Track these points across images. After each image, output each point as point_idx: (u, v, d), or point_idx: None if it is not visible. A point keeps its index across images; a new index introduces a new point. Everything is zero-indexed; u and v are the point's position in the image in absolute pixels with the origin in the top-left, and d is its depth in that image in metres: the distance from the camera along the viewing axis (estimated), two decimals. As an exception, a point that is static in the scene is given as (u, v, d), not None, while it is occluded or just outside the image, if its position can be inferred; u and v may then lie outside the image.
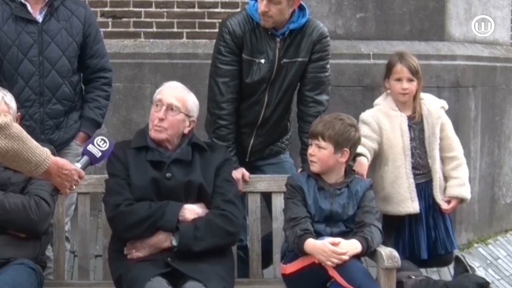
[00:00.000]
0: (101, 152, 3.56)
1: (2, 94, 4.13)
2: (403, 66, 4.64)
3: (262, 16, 4.52)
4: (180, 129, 4.20)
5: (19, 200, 3.93)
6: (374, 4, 6.23)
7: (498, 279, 6.32)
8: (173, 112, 4.17)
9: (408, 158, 4.64)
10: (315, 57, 4.69)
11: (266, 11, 4.49)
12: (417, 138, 4.69)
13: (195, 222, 4.04)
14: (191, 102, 4.25)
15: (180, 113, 4.19)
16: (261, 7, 4.48)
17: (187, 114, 4.21)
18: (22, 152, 3.18)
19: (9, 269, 3.83)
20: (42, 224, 4.00)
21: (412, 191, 4.63)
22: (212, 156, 4.24)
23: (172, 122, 4.17)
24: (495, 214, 6.82)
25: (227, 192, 4.17)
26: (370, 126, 4.68)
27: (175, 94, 4.22)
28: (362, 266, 4.08)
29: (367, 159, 4.54)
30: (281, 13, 4.53)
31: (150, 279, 3.81)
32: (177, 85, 4.36)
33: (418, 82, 4.69)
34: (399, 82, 4.65)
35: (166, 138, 4.18)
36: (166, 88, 4.29)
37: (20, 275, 3.80)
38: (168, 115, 4.16)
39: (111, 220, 4.12)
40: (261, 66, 4.63)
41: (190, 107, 4.23)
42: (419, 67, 4.71)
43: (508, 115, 6.88)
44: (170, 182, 4.10)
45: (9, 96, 4.17)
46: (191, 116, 4.23)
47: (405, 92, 4.64)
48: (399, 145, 4.64)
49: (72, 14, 4.58)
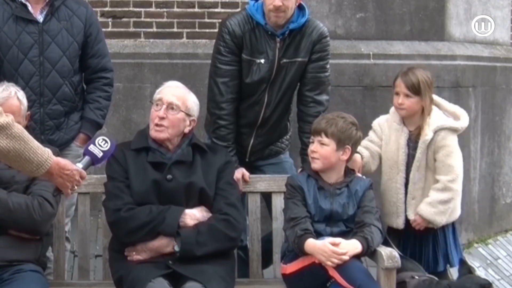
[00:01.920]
0: (103, 152, 3.55)
1: (16, 89, 4.15)
2: (401, 80, 4.56)
3: (275, 12, 4.50)
4: (181, 128, 4.20)
5: (22, 200, 3.92)
6: (374, 4, 6.24)
7: (498, 279, 6.33)
8: (173, 111, 4.17)
9: (401, 173, 4.56)
10: (315, 57, 4.69)
11: (280, 6, 4.47)
12: (411, 156, 4.58)
13: (197, 227, 4.03)
14: (191, 101, 4.25)
15: (181, 112, 4.18)
16: (276, 2, 4.46)
17: (187, 113, 4.20)
18: (23, 152, 3.17)
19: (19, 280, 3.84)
20: (45, 225, 4.00)
21: (399, 206, 4.56)
22: (213, 158, 4.23)
23: (173, 120, 4.16)
24: (495, 214, 6.82)
25: (229, 195, 4.16)
26: (376, 133, 4.67)
27: (175, 93, 4.22)
28: (362, 266, 4.08)
29: (362, 156, 4.55)
30: (291, 8, 4.53)
31: (151, 280, 3.81)
32: (178, 84, 4.35)
33: (421, 99, 4.51)
34: (397, 96, 4.59)
35: (167, 137, 4.17)
36: (166, 87, 4.28)
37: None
38: (168, 114, 4.15)
39: (112, 225, 4.11)
40: (261, 66, 4.63)
41: (190, 106, 4.23)
42: (424, 84, 4.51)
43: (508, 115, 6.88)
44: (171, 184, 4.09)
45: (22, 93, 4.18)
46: (191, 115, 4.23)
47: (401, 107, 4.58)
48: (393, 158, 4.59)
49: (73, 14, 4.58)
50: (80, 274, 4.47)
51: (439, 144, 4.51)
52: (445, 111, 4.63)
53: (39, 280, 3.89)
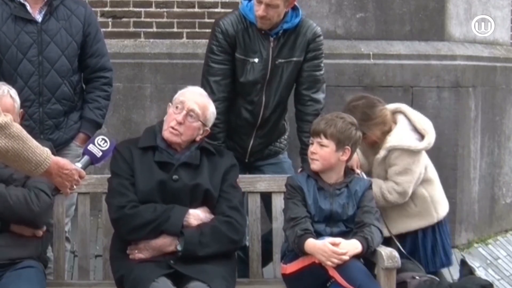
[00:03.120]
0: (102, 151, 3.55)
1: (7, 88, 4.15)
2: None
3: (260, 19, 4.56)
4: (194, 136, 4.18)
5: (20, 192, 3.93)
6: (374, 4, 6.23)
7: (498, 279, 6.32)
8: (192, 119, 4.14)
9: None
10: (309, 56, 4.72)
11: (264, 15, 4.52)
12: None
13: (200, 228, 4.03)
14: (210, 111, 4.23)
15: (199, 121, 4.16)
16: (259, 12, 4.51)
17: (204, 123, 4.19)
18: (22, 152, 3.17)
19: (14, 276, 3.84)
20: (44, 215, 4.00)
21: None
22: (220, 161, 4.22)
23: (189, 128, 4.14)
24: (495, 214, 6.82)
25: (232, 198, 4.16)
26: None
27: (198, 101, 4.19)
28: (362, 266, 4.08)
29: (357, 154, 4.57)
30: (278, 16, 4.58)
31: (155, 280, 3.81)
32: (201, 92, 4.33)
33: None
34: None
35: (179, 142, 4.16)
36: (189, 92, 4.25)
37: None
38: (186, 121, 4.13)
39: (115, 221, 4.10)
40: (255, 66, 4.65)
41: (209, 117, 4.22)
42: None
43: (508, 115, 6.88)
44: (177, 185, 4.08)
45: (14, 91, 4.18)
46: (206, 125, 4.22)
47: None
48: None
49: (71, 14, 4.58)
50: (80, 274, 4.47)
51: (392, 162, 4.59)
52: (414, 126, 4.66)
53: (35, 275, 3.88)
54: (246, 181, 4.52)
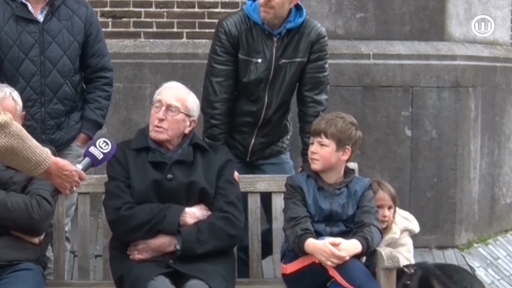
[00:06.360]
0: (103, 154, 3.54)
1: (10, 90, 4.15)
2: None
3: (264, 6, 4.52)
4: (181, 129, 4.20)
5: (21, 199, 3.92)
6: (374, 4, 6.24)
7: (498, 279, 6.32)
8: (173, 113, 4.16)
9: None
10: (313, 57, 4.71)
11: (268, 1, 4.48)
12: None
13: (197, 225, 4.04)
14: (191, 101, 4.24)
15: (180, 113, 4.18)
16: None
17: (187, 113, 4.20)
18: (21, 151, 3.16)
19: (12, 279, 3.84)
20: (44, 223, 4.00)
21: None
22: (214, 157, 4.23)
23: (172, 122, 4.16)
24: (495, 214, 6.82)
25: (229, 193, 4.16)
26: None
27: (174, 94, 4.22)
28: (362, 266, 4.08)
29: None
30: (282, 6, 4.53)
31: (153, 278, 3.82)
32: (177, 85, 4.35)
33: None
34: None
35: (167, 138, 4.17)
36: (165, 88, 4.28)
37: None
38: (167, 116, 4.15)
39: (112, 223, 4.12)
40: (258, 66, 4.65)
41: (190, 107, 4.23)
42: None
43: (508, 115, 6.88)
44: (171, 183, 4.09)
45: (16, 93, 4.18)
46: (191, 116, 4.23)
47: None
48: None
49: (73, 14, 4.58)
50: (80, 274, 4.47)
51: (401, 242, 4.65)
52: (398, 214, 4.74)
53: (33, 278, 3.88)
54: (246, 181, 4.52)
